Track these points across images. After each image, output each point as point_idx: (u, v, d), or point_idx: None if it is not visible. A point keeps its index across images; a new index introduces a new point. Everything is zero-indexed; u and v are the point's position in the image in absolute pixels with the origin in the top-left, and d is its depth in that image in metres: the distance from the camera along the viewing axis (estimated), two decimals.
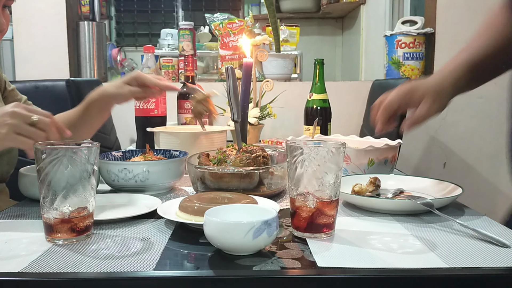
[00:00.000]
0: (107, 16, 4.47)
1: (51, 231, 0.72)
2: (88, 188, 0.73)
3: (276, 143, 1.63)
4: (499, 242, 0.71)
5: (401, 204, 0.88)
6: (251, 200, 0.82)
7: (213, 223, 0.66)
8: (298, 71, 3.01)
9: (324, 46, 4.36)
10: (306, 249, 0.70)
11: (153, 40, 4.47)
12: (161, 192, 1.05)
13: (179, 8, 4.72)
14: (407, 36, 2.41)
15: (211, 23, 2.40)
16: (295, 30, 2.85)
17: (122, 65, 3.23)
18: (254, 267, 0.63)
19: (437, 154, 2.42)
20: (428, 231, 0.78)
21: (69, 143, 0.77)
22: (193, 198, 0.82)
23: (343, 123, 2.27)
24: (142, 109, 1.43)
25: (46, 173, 0.70)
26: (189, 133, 1.31)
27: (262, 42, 2.05)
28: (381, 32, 2.76)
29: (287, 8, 4.03)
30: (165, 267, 0.64)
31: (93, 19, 2.74)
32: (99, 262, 0.65)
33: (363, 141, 1.28)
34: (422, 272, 0.62)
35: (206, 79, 3.04)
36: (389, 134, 1.15)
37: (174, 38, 3.48)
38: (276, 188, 1.00)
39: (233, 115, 1.07)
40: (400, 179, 1.05)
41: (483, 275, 0.63)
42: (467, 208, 0.90)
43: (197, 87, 1.00)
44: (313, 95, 1.60)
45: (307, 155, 0.73)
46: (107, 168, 1.02)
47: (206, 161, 1.04)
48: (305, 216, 0.74)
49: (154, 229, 0.79)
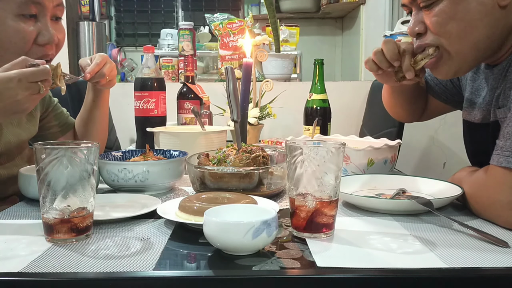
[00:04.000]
0: (107, 16, 4.47)
1: (50, 231, 0.72)
2: (88, 188, 0.73)
3: (275, 143, 1.63)
4: (498, 242, 0.71)
5: (400, 204, 0.88)
6: (251, 200, 0.82)
7: (213, 223, 0.66)
8: (297, 71, 3.01)
9: (324, 46, 4.36)
10: (306, 249, 0.70)
11: (153, 40, 4.47)
12: (161, 192, 1.05)
13: (179, 8, 4.72)
14: (407, 36, 2.41)
15: (211, 23, 2.40)
16: (295, 30, 2.85)
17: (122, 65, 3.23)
18: (254, 267, 0.63)
19: (437, 154, 2.42)
20: (428, 231, 0.78)
21: (68, 143, 0.77)
22: (192, 198, 0.83)
23: (343, 123, 2.27)
24: (142, 109, 1.43)
25: (46, 173, 0.70)
26: (189, 133, 1.31)
27: (262, 42, 2.05)
28: (380, 32, 2.76)
29: (287, 8, 4.03)
30: (164, 267, 0.64)
31: (93, 19, 2.74)
32: (98, 262, 0.65)
33: (363, 141, 1.28)
34: (422, 272, 0.62)
35: (206, 79, 3.04)
36: (389, 134, 1.15)
37: (174, 38, 3.48)
38: (276, 188, 1.00)
39: (232, 115, 1.07)
40: (400, 179, 1.05)
41: (482, 275, 0.63)
42: (467, 208, 0.90)
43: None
44: (313, 95, 1.60)
45: (307, 155, 0.73)
46: (107, 168, 1.02)
47: (206, 161, 1.04)
48: (305, 216, 0.74)
49: (153, 229, 0.79)
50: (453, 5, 0.88)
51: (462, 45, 0.91)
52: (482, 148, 0.97)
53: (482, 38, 0.90)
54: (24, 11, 1.02)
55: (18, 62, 0.89)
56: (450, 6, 0.88)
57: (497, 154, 0.82)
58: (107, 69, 1.17)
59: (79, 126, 1.33)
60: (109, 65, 1.17)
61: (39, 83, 0.88)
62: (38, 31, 1.05)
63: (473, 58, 0.93)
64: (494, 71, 0.97)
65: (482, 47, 0.91)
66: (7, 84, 0.86)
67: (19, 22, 1.02)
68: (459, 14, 0.88)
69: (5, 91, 0.86)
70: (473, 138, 1.07)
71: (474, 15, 0.88)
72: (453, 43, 0.91)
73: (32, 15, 1.04)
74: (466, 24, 0.88)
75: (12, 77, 0.86)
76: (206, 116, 1.65)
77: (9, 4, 1.01)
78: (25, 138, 1.21)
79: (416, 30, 0.94)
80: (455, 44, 0.91)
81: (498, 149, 0.83)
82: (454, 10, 0.88)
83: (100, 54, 1.18)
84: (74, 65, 2.54)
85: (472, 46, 0.91)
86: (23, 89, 0.87)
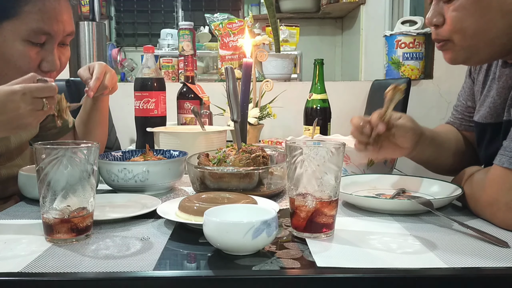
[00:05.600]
0: (107, 16, 4.48)
1: (50, 231, 0.72)
2: (88, 188, 0.73)
3: (275, 143, 1.63)
4: (498, 242, 0.71)
5: (400, 204, 0.88)
6: (251, 200, 0.82)
7: (213, 223, 0.66)
8: (297, 71, 3.01)
9: (324, 46, 4.36)
10: (306, 249, 0.69)
11: (153, 40, 4.48)
12: (161, 192, 1.05)
13: (179, 8, 4.73)
14: (407, 36, 2.41)
15: (211, 23, 2.40)
16: (295, 30, 2.85)
17: (122, 65, 3.23)
18: (254, 267, 0.63)
19: None
20: (428, 231, 0.78)
21: (68, 143, 0.77)
22: (192, 198, 0.82)
23: (343, 123, 2.25)
24: (142, 109, 1.43)
25: (46, 173, 0.70)
26: (189, 133, 1.31)
27: (262, 42, 2.04)
28: (380, 32, 2.76)
29: (287, 8, 4.03)
30: (164, 267, 0.64)
31: (93, 19, 2.74)
32: (98, 262, 0.65)
33: None
34: (422, 272, 0.62)
35: (206, 79, 3.05)
36: None
37: (174, 38, 3.48)
38: (276, 188, 1.00)
39: (232, 115, 1.07)
40: (400, 179, 1.05)
41: (482, 275, 0.63)
42: (467, 208, 0.90)
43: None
44: (313, 95, 1.60)
45: (307, 155, 0.73)
46: (107, 168, 1.02)
47: (206, 161, 1.04)
48: (305, 216, 0.74)
49: (153, 229, 0.79)
50: (474, 1, 0.86)
51: (476, 41, 0.89)
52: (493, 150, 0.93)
53: (500, 35, 0.87)
54: (33, 39, 1.02)
55: (27, 78, 0.89)
56: (472, 2, 0.86)
57: (501, 154, 0.82)
58: (108, 80, 1.17)
59: (79, 127, 1.33)
60: (109, 75, 1.17)
61: (44, 100, 0.88)
62: (42, 58, 1.05)
63: (486, 52, 0.91)
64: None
65: (498, 43, 0.89)
66: (11, 96, 0.86)
67: (26, 47, 1.02)
68: (479, 12, 0.86)
69: (8, 103, 0.85)
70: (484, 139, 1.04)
71: (495, 14, 0.86)
72: (467, 38, 0.89)
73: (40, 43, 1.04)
74: (485, 21, 0.86)
75: (16, 90, 0.86)
76: (206, 116, 1.65)
77: (21, 27, 1.00)
78: (25, 139, 1.21)
79: (434, 22, 0.92)
80: (468, 40, 0.89)
81: (502, 149, 0.82)
82: (475, 6, 0.86)
83: (99, 63, 1.18)
84: (74, 65, 2.54)
85: (488, 42, 0.89)
86: (27, 103, 0.86)
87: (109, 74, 1.17)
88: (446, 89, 2.45)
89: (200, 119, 1.41)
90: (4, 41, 1.01)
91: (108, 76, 1.17)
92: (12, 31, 1.00)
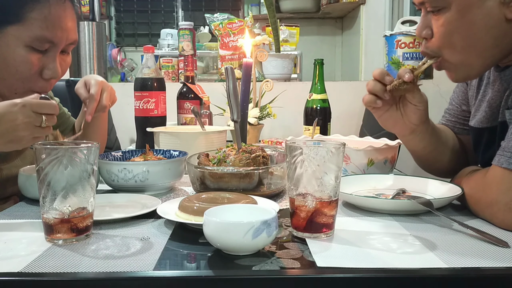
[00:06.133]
0: (107, 16, 4.48)
1: (50, 231, 0.72)
2: (88, 188, 0.73)
3: (275, 143, 1.63)
4: (498, 242, 0.71)
5: (400, 204, 0.88)
6: (251, 200, 0.82)
7: (213, 223, 0.66)
8: (297, 71, 3.01)
9: (324, 46, 4.36)
10: (306, 249, 0.70)
11: (153, 40, 4.47)
12: (161, 192, 1.05)
13: (179, 8, 4.72)
14: (407, 36, 2.41)
15: (211, 23, 2.40)
16: (295, 30, 2.85)
17: (122, 65, 3.23)
18: (254, 267, 0.63)
19: None
20: (428, 231, 0.78)
21: (68, 143, 0.77)
22: (192, 198, 0.82)
23: (343, 123, 2.27)
24: (142, 109, 1.43)
25: (46, 173, 0.70)
26: (189, 133, 1.31)
27: (262, 42, 2.04)
28: (380, 32, 2.76)
29: (287, 8, 4.03)
30: (164, 267, 0.64)
31: (93, 19, 2.74)
32: (98, 262, 0.65)
33: (363, 141, 1.28)
34: (422, 272, 0.62)
35: (206, 79, 3.04)
36: (389, 134, 1.15)
37: (174, 38, 3.48)
38: (276, 188, 1.00)
39: (232, 115, 1.07)
40: (400, 179, 1.05)
41: (482, 275, 0.63)
42: (467, 208, 0.90)
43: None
44: (313, 95, 1.60)
45: (307, 155, 0.73)
46: (107, 168, 1.02)
47: (206, 161, 1.04)
48: (305, 216, 0.74)
49: (153, 229, 0.79)
50: (459, 16, 0.87)
51: (466, 55, 0.90)
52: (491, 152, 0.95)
53: (488, 48, 0.89)
54: (36, 46, 1.02)
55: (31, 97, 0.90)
56: (456, 17, 0.87)
57: (499, 154, 0.82)
58: (106, 99, 1.17)
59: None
60: (106, 94, 1.17)
61: (43, 116, 0.88)
62: (44, 65, 1.05)
63: (480, 65, 0.92)
64: (506, 72, 0.95)
65: (488, 55, 0.90)
66: (10, 107, 0.86)
67: (29, 53, 1.02)
68: (465, 27, 0.87)
69: (7, 114, 0.86)
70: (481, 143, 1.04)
71: (479, 28, 0.86)
72: (456, 54, 0.90)
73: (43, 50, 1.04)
74: (471, 36, 0.87)
75: (17, 102, 0.87)
76: (206, 116, 1.65)
77: (25, 33, 1.00)
78: None
79: (423, 35, 0.93)
80: (458, 56, 0.90)
81: (501, 149, 0.83)
82: (459, 21, 0.87)
83: (95, 80, 1.18)
84: (74, 65, 2.54)
85: (478, 55, 0.90)
86: (25, 115, 0.86)
87: (106, 93, 1.17)
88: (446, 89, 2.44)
89: (200, 119, 1.41)
90: (7, 46, 1.00)
91: (105, 95, 1.17)
92: (16, 37, 1.00)
